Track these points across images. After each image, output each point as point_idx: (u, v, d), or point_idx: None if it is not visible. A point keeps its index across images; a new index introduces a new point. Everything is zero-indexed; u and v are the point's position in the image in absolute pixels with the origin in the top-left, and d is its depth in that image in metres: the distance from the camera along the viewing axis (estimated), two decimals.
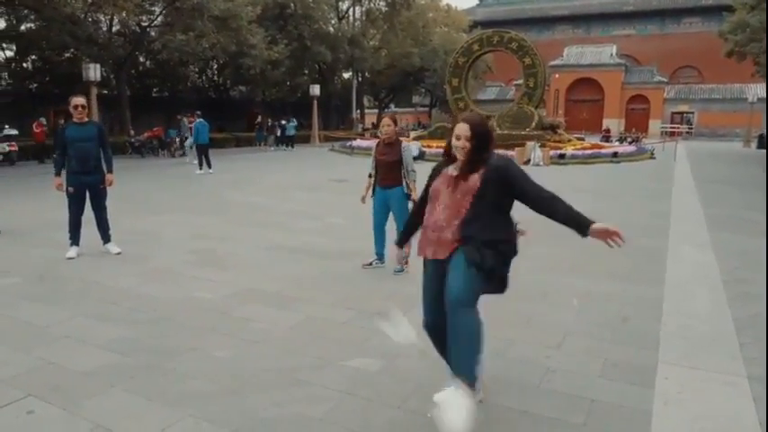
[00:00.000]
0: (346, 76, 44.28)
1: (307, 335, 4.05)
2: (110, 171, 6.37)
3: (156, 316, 4.41)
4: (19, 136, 18.51)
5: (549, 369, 3.50)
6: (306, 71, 36.83)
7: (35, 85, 26.41)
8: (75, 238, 6.31)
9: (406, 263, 4.95)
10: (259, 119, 29.66)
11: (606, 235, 2.51)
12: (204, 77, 36.72)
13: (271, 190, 12.31)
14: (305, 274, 5.62)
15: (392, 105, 54.63)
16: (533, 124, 22.19)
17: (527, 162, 18.92)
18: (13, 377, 3.34)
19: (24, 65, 25.76)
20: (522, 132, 21.53)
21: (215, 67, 35.21)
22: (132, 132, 23.20)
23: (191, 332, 4.08)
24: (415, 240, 3.03)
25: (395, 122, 5.39)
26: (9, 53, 24.91)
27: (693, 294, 5.02)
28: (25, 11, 22.25)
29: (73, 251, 6.24)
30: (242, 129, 32.05)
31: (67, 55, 24.91)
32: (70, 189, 6.20)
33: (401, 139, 5.49)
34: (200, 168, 15.40)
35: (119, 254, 6.32)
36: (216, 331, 4.10)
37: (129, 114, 25.32)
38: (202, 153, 15.43)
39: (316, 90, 32.33)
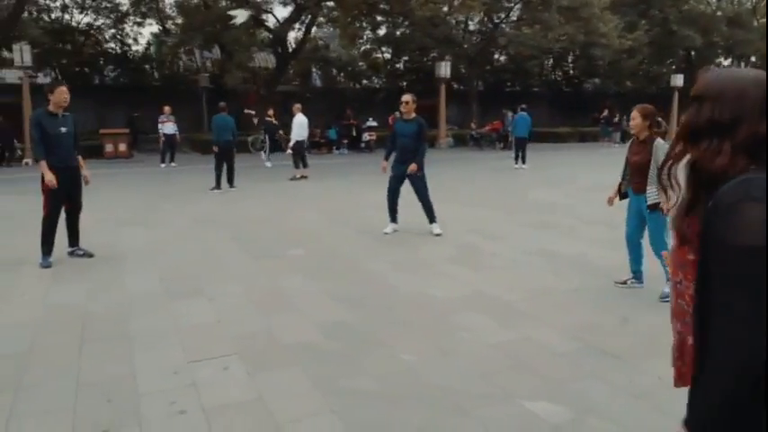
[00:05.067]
0: (726, 63, 37.79)
1: (508, 357, 3.58)
2: (418, 163, 6.84)
3: (372, 305, 4.55)
4: (378, 127, 21.77)
5: None
6: (671, 60, 32.86)
7: (405, 83, 30.40)
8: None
9: None
10: (605, 112, 27.87)
11: None
12: (559, 71, 36.30)
13: (582, 190, 11.39)
14: (552, 288, 5.00)
15: None
16: None
17: None
18: None
19: (397, 65, 29.98)
20: None
21: (570, 59, 34.46)
22: (473, 125, 24.62)
23: (394, 323, 4.09)
24: None
25: (644, 116, 4.49)
26: (387, 55, 29.35)
27: None
28: (400, 18, 25.73)
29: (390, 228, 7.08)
30: (590, 123, 30.79)
31: (433, 54, 27.93)
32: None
33: (656, 135, 4.45)
34: (516, 162, 15.31)
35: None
36: (419, 330, 3.99)
37: (477, 108, 26.91)
38: (519, 147, 15.31)
39: (678, 80, 28.57)
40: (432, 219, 7.06)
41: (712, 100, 1.27)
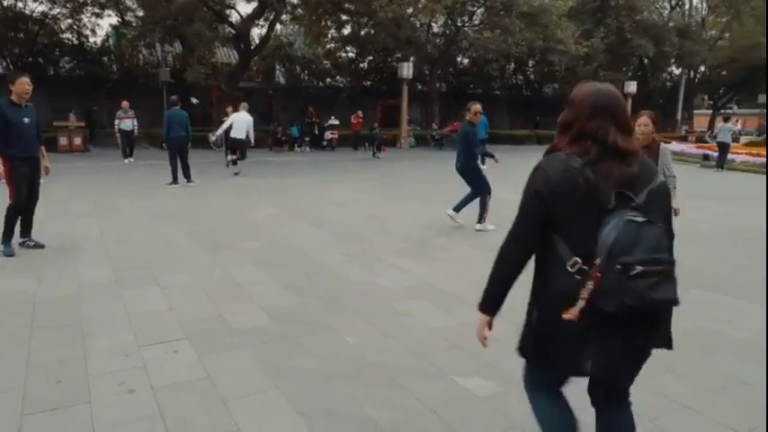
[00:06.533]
0: (677, 71, 39.33)
1: (445, 340, 3.82)
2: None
3: (322, 293, 4.73)
4: (340, 126, 21.91)
5: None
6: (626, 67, 34.01)
7: (369, 82, 30.56)
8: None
9: None
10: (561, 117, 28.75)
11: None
12: (520, 75, 37.07)
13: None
14: None
15: (734, 107, 46.37)
16: None
17: None
18: None
19: (362, 65, 30.13)
20: None
21: (531, 64, 35.28)
22: (434, 126, 25.01)
23: (341, 310, 4.29)
24: None
25: (654, 122, 4.57)
26: (351, 55, 29.48)
27: None
28: (365, 18, 25.90)
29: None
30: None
31: (397, 56, 28.18)
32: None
33: (659, 141, 4.72)
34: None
35: None
36: (365, 316, 4.20)
37: (439, 109, 27.31)
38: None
39: (631, 87, 29.62)
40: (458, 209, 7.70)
41: (567, 106, 1.83)
